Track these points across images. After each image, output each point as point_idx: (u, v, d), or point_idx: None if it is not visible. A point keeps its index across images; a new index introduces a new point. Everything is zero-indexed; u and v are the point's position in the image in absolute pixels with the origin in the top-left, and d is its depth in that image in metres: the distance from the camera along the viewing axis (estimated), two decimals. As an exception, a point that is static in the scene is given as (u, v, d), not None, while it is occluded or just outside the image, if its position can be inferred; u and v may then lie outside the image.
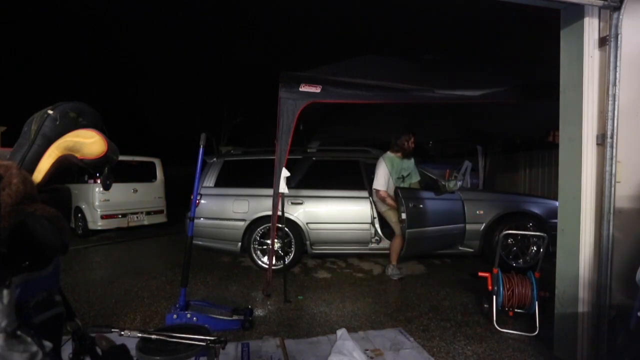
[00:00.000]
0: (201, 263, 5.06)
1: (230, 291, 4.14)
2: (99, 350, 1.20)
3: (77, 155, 1.07)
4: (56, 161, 1.04)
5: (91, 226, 7.28)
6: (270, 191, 4.05)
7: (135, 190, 7.87)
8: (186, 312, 2.98)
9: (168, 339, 1.57)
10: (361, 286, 4.33)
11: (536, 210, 4.90)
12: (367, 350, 2.71)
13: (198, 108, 17.29)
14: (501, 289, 3.20)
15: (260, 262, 4.79)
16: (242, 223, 4.76)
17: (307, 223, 4.81)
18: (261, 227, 4.78)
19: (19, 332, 0.72)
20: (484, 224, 4.85)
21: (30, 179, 0.90)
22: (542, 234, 3.57)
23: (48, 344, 0.77)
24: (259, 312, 3.49)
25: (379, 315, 3.50)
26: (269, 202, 4.23)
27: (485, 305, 3.36)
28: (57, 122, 1.09)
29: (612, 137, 2.36)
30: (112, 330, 1.51)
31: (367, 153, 5.33)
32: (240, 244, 4.78)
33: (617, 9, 2.33)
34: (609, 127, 2.36)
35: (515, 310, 3.28)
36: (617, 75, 2.35)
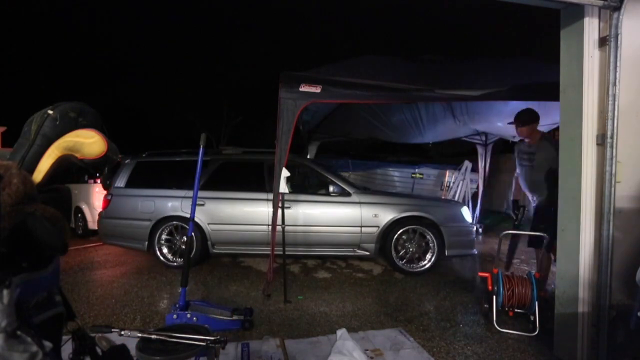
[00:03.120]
0: (201, 263, 5.06)
1: (230, 291, 4.14)
2: (99, 350, 1.20)
3: (77, 155, 1.07)
4: (56, 161, 1.04)
5: (91, 226, 7.27)
6: (177, 192, 4.76)
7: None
8: (186, 312, 2.98)
9: (168, 339, 1.57)
10: (361, 286, 4.34)
11: (431, 215, 4.84)
12: (367, 350, 2.71)
13: (198, 108, 17.29)
14: (501, 289, 3.20)
15: (163, 259, 4.95)
16: (148, 223, 4.90)
17: (208, 223, 4.88)
18: (167, 226, 4.93)
19: (19, 332, 0.72)
20: (379, 227, 4.81)
21: (30, 179, 0.90)
22: (543, 234, 3.57)
23: (48, 344, 0.77)
24: (259, 312, 3.49)
25: (379, 315, 3.50)
26: (175, 203, 4.83)
27: (485, 305, 3.36)
28: (57, 122, 1.09)
29: (612, 137, 2.36)
30: (112, 330, 1.51)
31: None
32: (147, 242, 4.94)
33: (617, 9, 2.33)
34: (609, 127, 2.36)
35: (515, 310, 3.29)
36: (617, 75, 2.35)
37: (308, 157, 8.32)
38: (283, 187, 3.75)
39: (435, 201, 5.69)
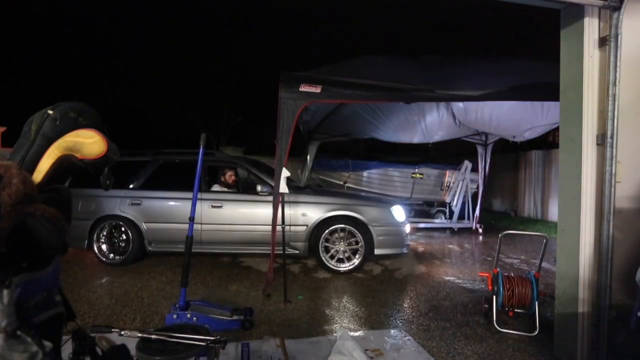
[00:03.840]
0: (201, 263, 5.06)
1: (230, 291, 4.14)
2: (99, 350, 1.20)
3: (77, 155, 1.07)
4: (56, 161, 1.04)
5: None
6: (115, 192, 4.88)
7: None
8: (186, 312, 2.98)
9: (168, 339, 1.57)
10: (361, 286, 4.34)
11: (359, 214, 4.84)
12: (367, 350, 2.71)
13: (198, 108, 17.28)
14: (501, 289, 3.19)
15: (102, 257, 5.05)
16: (89, 222, 4.99)
17: (144, 222, 4.97)
18: (105, 224, 5.04)
19: (19, 332, 0.72)
20: (308, 226, 4.84)
21: (30, 179, 0.90)
22: (542, 234, 3.56)
23: (48, 344, 0.77)
24: (259, 312, 3.49)
25: (379, 315, 3.50)
26: (110, 203, 4.97)
27: (485, 305, 3.36)
28: (57, 122, 1.09)
29: (612, 137, 2.36)
30: (112, 330, 1.51)
31: (211, 155, 5.41)
32: (87, 241, 5.02)
33: (617, 9, 2.33)
34: (609, 127, 2.36)
35: (515, 310, 3.29)
36: (617, 75, 2.35)
37: (308, 157, 8.33)
38: (283, 187, 3.75)
39: (364, 200, 5.55)
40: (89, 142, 1.07)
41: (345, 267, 4.82)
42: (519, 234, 4.69)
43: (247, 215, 4.95)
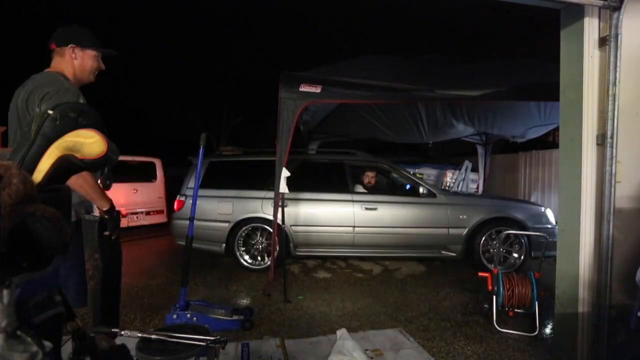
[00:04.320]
0: (201, 263, 5.06)
1: (230, 291, 4.14)
2: (99, 350, 1.20)
3: (77, 155, 1.07)
4: (56, 161, 1.04)
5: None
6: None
7: (136, 190, 7.86)
8: (186, 312, 2.98)
9: (168, 339, 1.57)
10: (361, 286, 4.34)
11: (519, 215, 4.86)
12: (367, 350, 2.70)
13: (198, 108, 17.28)
14: (501, 289, 3.19)
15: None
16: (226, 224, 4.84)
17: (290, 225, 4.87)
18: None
19: (19, 332, 0.72)
20: (467, 229, 4.83)
21: (30, 179, 0.90)
22: (542, 234, 3.57)
23: (48, 344, 0.77)
24: (259, 312, 3.49)
25: (379, 315, 3.50)
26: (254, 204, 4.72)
27: (485, 305, 3.36)
28: (57, 122, 1.09)
29: (612, 137, 2.36)
30: (112, 330, 1.51)
31: (353, 155, 5.39)
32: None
33: (617, 9, 2.33)
34: (609, 127, 2.36)
35: (515, 310, 3.29)
36: (617, 75, 2.35)
37: None
38: (283, 187, 3.75)
39: (519, 203, 5.57)
40: (89, 142, 1.07)
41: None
42: (519, 234, 4.67)
43: (405, 218, 4.85)
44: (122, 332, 1.51)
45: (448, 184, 8.88)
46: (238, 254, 4.82)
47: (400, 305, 3.76)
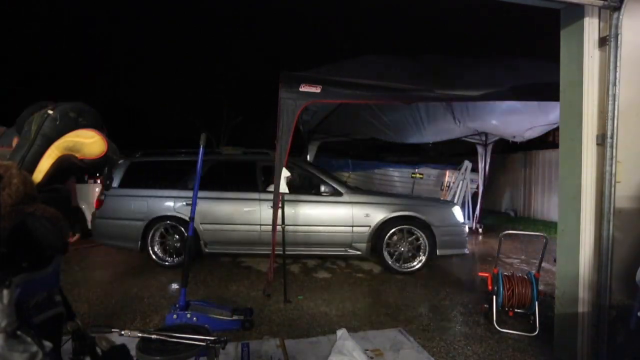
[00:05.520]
0: (201, 263, 5.06)
1: (230, 291, 4.14)
2: (99, 350, 1.20)
3: (77, 155, 1.07)
4: (56, 161, 1.04)
5: (91, 226, 7.26)
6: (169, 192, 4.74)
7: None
8: (186, 312, 2.98)
9: (168, 339, 1.57)
10: (361, 286, 4.33)
11: (422, 215, 4.83)
12: (367, 350, 2.71)
13: (198, 108, 17.28)
14: (501, 289, 3.19)
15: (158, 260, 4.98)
16: (140, 223, 4.91)
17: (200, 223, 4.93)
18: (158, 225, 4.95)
19: (19, 332, 0.73)
20: (371, 227, 4.82)
21: (30, 179, 0.90)
22: (542, 234, 3.56)
23: (48, 344, 0.77)
24: (259, 312, 3.49)
25: (379, 315, 3.50)
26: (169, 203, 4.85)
27: (485, 305, 3.36)
28: (57, 122, 1.09)
29: (612, 137, 2.36)
30: (112, 330, 1.51)
31: (267, 155, 5.36)
32: (140, 242, 4.93)
33: (617, 9, 2.33)
34: (609, 127, 2.36)
35: (515, 310, 3.29)
36: (617, 75, 2.35)
37: (308, 157, 8.32)
38: (283, 187, 3.75)
39: (426, 201, 5.59)
40: (89, 142, 1.07)
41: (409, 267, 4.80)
42: (519, 234, 4.67)
43: (310, 216, 4.88)
44: (122, 332, 1.51)
45: (448, 184, 8.88)
46: (151, 251, 4.95)
47: (400, 305, 3.76)
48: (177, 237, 4.95)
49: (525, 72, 4.55)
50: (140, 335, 1.57)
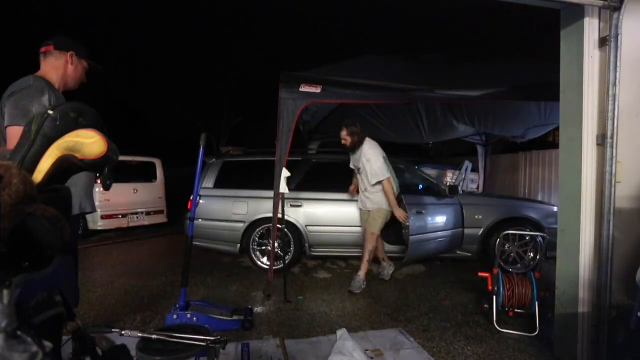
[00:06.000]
0: (201, 263, 5.06)
1: (230, 291, 4.14)
2: (99, 350, 1.20)
3: (77, 155, 1.07)
4: (56, 161, 1.04)
5: (91, 226, 7.28)
6: (269, 193, 4.10)
7: (135, 190, 7.87)
8: (186, 312, 2.98)
9: (168, 339, 1.57)
10: (361, 286, 4.33)
11: (534, 215, 4.90)
12: (367, 350, 2.71)
13: (198, 108, 17.28)
14: (501, 289, 3.19)
15: (259, 263, 4.86)
16: (241, 224, 4.81)
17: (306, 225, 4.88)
18: (260, 228, 4.84)
19: (19, 332, 0.72)
20: (482, 229, 4.86)
21: (30, 179, 0.90)
22: (541, 233, 3.56)
23: (48, 344, 0.77)
24: (259, 312, 3.49)
25: (379, 315, 3.50)
26: (269, 204, 4.23)
27: (485, 305, 3.36)
28: (57, 122, 1.09)
29: (612, 137, 2.36)
30: (112, 330, 1.51)
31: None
32: (239, 245, 4.86)
33: (617, 9, 2.33)
34: (609, 127, 2.36)
35: (515, 310, 3.29)
36: (617, 75, 2.35)
37: None
38: (283, 187, 3.75)
39: (533, 202, 5.61)
40: (89, 142, 1.07)
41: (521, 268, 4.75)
42: (518, 234, 4.67)
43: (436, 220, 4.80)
44: (122, 332, 1.51)
45: (448, 184, 8.87)
46: (253, 254, 4.86)
47: (400, 305, 3.76)
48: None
49: (525, 72, 4.55)
50: (140, 335, 1.57)
